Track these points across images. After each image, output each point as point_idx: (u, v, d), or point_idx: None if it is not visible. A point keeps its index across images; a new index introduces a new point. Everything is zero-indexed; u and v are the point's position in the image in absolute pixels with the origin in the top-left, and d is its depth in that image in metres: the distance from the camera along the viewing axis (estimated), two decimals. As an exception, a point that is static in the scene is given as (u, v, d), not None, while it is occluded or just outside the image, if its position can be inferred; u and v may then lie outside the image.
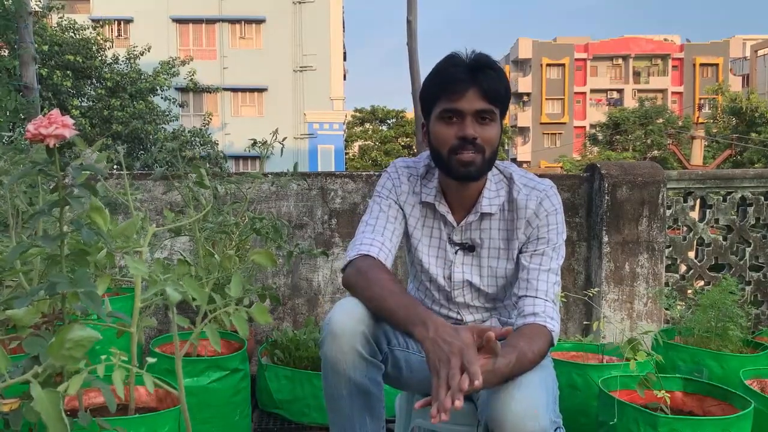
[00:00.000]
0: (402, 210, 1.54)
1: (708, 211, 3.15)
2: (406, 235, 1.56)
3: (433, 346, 1.19)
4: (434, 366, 1.17)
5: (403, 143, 32.95)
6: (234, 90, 23.16)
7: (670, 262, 3.10)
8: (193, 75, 15.95)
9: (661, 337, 2.02)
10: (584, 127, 44.49)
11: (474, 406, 1.44)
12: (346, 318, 1.31)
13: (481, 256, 1.52)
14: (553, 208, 1.47)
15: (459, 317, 1.57)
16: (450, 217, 1.51)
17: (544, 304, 1.40)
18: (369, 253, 1.43)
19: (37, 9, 11.34)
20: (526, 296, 1.42)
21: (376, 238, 1.46)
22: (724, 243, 3.16)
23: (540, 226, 1.46)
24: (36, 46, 11.71)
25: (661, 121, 32.54)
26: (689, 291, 3.09)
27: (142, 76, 14.02)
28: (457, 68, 1.39)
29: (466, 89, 1.37)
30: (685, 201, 3.13)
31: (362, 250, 1.44)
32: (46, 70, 12.52)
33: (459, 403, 1.11)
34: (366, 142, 33.46)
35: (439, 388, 1.14)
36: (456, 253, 1.53)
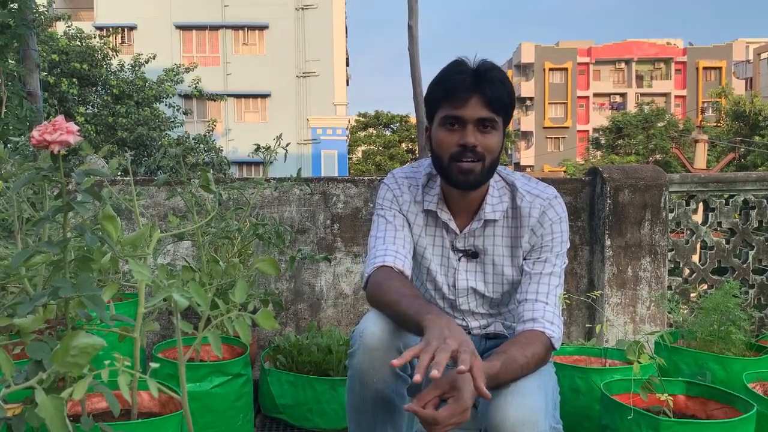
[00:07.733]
0: (406, 218, 1.53)
1: (710, 214, 3.14)
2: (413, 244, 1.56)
3: (435, 323, 1.18)
4: (428, 338, 1.15)
5: (406, 147, 32.99)
6: (237, 96, 23.25)
7: (672, 266, 3.09)
8: (198, 83, 16.01)
9: (666, 339, 2.02)
10: (587, 131, 44.43)
11: (477, 412, 1.44)
12: (381, 331, 1.30)
13: (485, 262, 1.52)
14: (558, 217, 1.47)
15: (464, 324, 1.57)
16: (452, 225, 1.51)
17: (543, 308, 1.40)
18: (384, 263, 1.42)
19: (44, 15, 11.40)
20: (526, 300, 1.42)
21: (389, 248, 1.46)
22: (727, 246, 3.15)
23: (544, 235, 1.46)
24: (45, 55, 11.76)
25: (662, 124, 32.50)
26: (692, 294, 3.08)
27: (147, 84, 14.10)
28: (461, 75, 1.39)
29: (468, 97, 1.37)
30: (688, 204, 3.12)
31: (377, 263, 1.43)
32: (53, 78, 12.60)
33: (437, 372, 1.09)
34: (370, 147, 33.51)
35: (424, 352, 1.12)
36: (459, 260, 1.53)
